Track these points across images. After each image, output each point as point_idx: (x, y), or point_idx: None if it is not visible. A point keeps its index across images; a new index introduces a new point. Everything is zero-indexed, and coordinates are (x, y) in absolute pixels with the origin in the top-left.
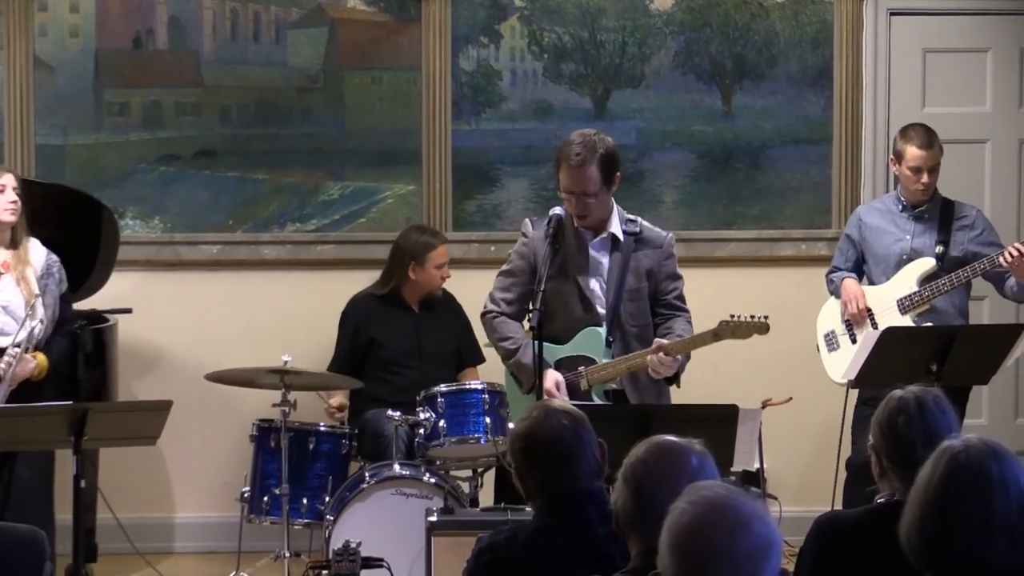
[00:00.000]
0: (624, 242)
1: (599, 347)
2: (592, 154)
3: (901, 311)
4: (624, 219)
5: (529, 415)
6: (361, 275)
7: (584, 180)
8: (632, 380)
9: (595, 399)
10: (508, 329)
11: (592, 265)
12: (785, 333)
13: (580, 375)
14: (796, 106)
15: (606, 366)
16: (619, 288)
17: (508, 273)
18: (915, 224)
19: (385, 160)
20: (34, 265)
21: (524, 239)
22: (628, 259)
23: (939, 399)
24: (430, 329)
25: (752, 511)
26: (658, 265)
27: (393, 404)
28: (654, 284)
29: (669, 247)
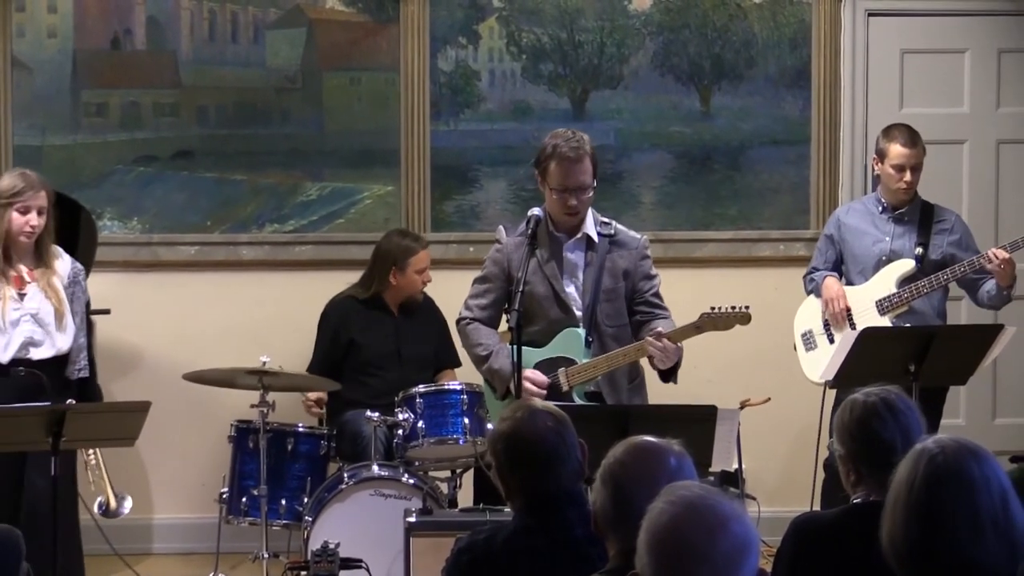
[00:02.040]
0: (599, 243)
1: (579, 348)
2: (585, 147)
3: (880, 312)
4: (598, 220)
5: (512, 415)
6: (340, 276)
7: (584, 173)
8: (609, 381)
9: (576, 400)
10: (480, 335)
11: (567, 267)
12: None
13: (561, 376)
14: (774, 107)
15: (587, 366)
16: (595, 289)
17: (482, 280)
18: (895, 226)
19: (363, 161)
20: (60, 273)
21: (498, 246)
22: (604, 260)
23: (902, 397)
24: (410, 333)
25: (730, 511)
26: (634, 265)
27: (372, 405)
28: (631, 284)
29: (644, 248)
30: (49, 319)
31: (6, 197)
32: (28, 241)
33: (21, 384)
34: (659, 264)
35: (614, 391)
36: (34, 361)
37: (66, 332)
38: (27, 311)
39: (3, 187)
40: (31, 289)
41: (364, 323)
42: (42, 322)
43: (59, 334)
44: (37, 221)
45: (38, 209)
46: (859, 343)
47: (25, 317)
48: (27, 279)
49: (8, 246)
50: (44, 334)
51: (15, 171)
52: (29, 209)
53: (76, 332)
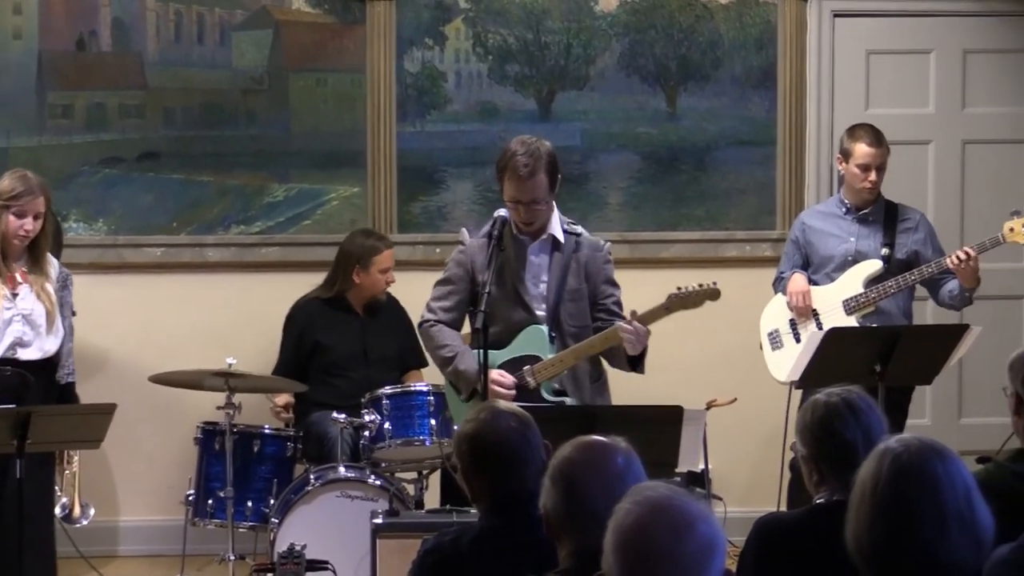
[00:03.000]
0: (565, 243)
1: (543, 344)
2: (539, 162)
3: (847, 312)
4: (564, 221)
5: (476, 416)
6: (306, 277)
7: (534, 190)
8: (573, 380)
9: (544, 396)
10: (445, 337)
11: (531, 270)
12: (730, 334)
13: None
14: (740, 108)
15: (553, 361)
16: (560, 289)
17: (445, 282)
18: (859, 227)
19: (330, 162)
20: (52, 277)
21: (461, 247)
22: (569, 259)
23: (864, 397)
24: (375, 333)
25: (696, 511)
26: (597, 267)
27: (338, 407)
28: (592, 286)
29: (607, 253)
30: (41, 320)
31: (4, 199)
32: (20, 244)
33: (6, 384)
34: (625, 264)
35: (578, 389)
36: (21, 361)
37: (55, 335)
38: (19, 311)
39: (2, 188)
40: (23, 290)
41: (329, 324)
42: (33, 323)
43: (48, 336)
44: (32, 226)
45: (34, 214)
46: (825, 343)
47: (17, 317)
48: (19, 280)
49: (3, 247)
50: (34, 335)
51: (16, 172)
52: (25, 213)
53: (64, 336)
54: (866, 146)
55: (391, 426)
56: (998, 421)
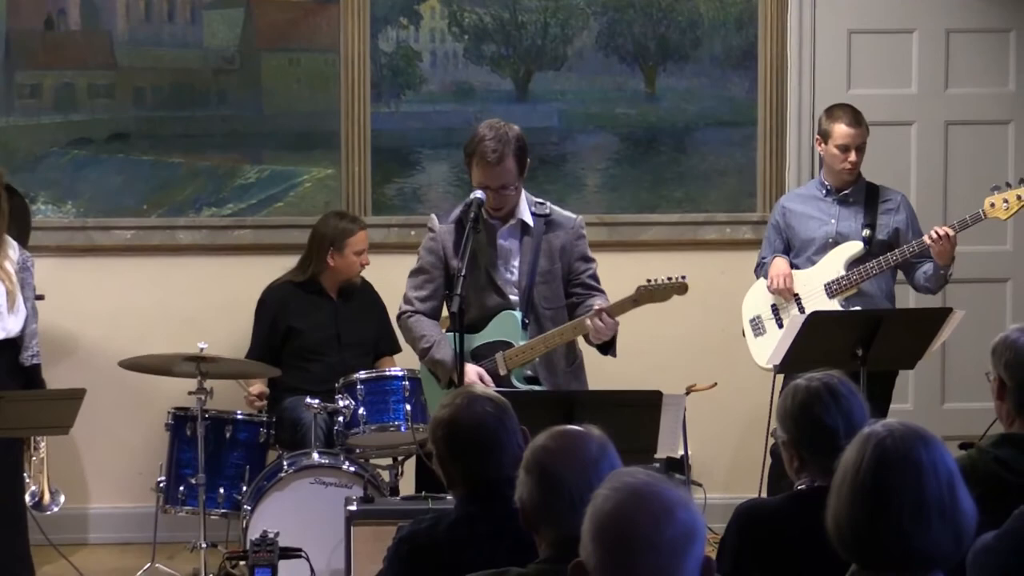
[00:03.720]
0: (534, 226)
1: (516, 330)
2: (507, 147)
3: (829, 295)
4: (532, 203)
5: (452, 401)
6: (279, 260)
7: (503, 175)
8: (546, 365)
9: (515, 384)
10: (422, 327)
11: (502, 254)
12: (710, 318)
13: (498, 360)
14: (720, 88)
15: (524, 348)
16: (532, 271)
17: (419, 271)
18: (840, 208)
19: (303, 143)
20: (11, 258)
21: (431, 234)
22: (539, 242)
23: (844, 381)
24: (349, 317)
25: (676, 498)
26: (570, 244)
27: (312, 392)
28: (566, 264)
29: (580, 228)
30: (1, 300)
31: None
32: None
33: None
34: (603, 247)
35: (552, 374)
36: None
37: (17, 315)
38: None
39: None
40: None
41: (302, 308)
42: None
43: (10, 316)
44: None
45: None
46: (806, 327)
47: None
48: None
49: None
50: None
51: None
52: None
53: (27, 318)
54: (845, 126)
55: (365, 412)
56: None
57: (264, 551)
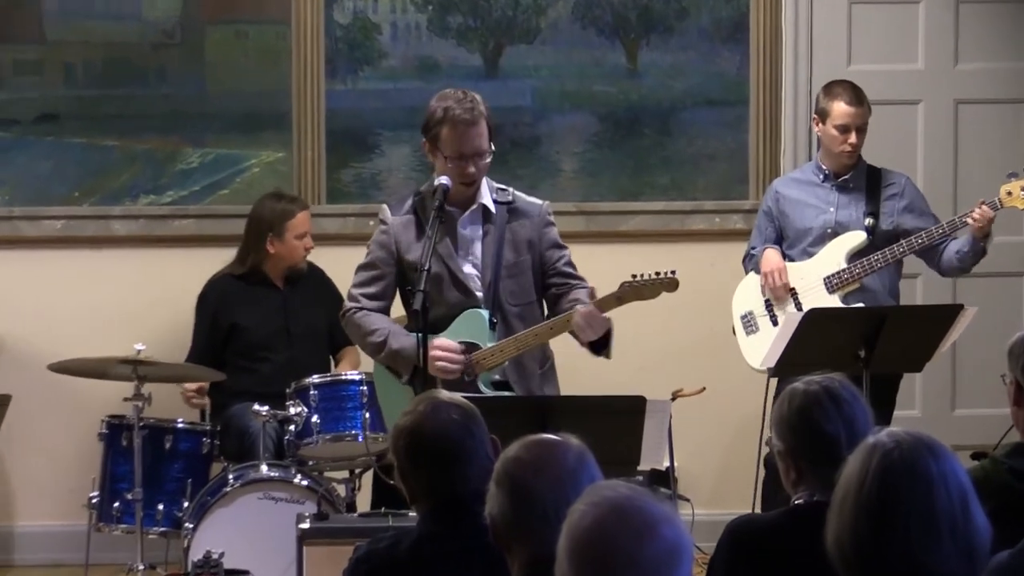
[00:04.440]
0: (497, 213)
1: (483, 330)
2: (478, 107)
3: (828, 290)
4: (494, 188)
5: (414, 408)
6: (223, 253)
7: (480, 136)
8: (517, 368)
9: (482, 390)
10: (372, 322)
11: (463, 244)
12: (698, 316)
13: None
14: (709, 63)
15: (494, 351)
16: (496, 264)
17: (368, 266)
18: (839, 195)
19: (251, 124)
20: None
21: (383, 227)
22: (503, 231)
23: (846, 385)
24: (298, 307)
25: (659, 513)
26: (538, 235)
27: (260, 397)
28: (536, 256)
29: (546, 214)
30: None
31: None
32: None
33: None
34: (581, 239)
35: (523, 378)
36: None
37: None
38: None
39: None
40: None
41: (245, 302)
42: None
43: None
44: None
45: None
46: (803, 325)
47: None
48: None
49: None
50: None
51: None
52: None
53: None
54: (844, 104)
55: (319, 419)
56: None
57: (208, 573)
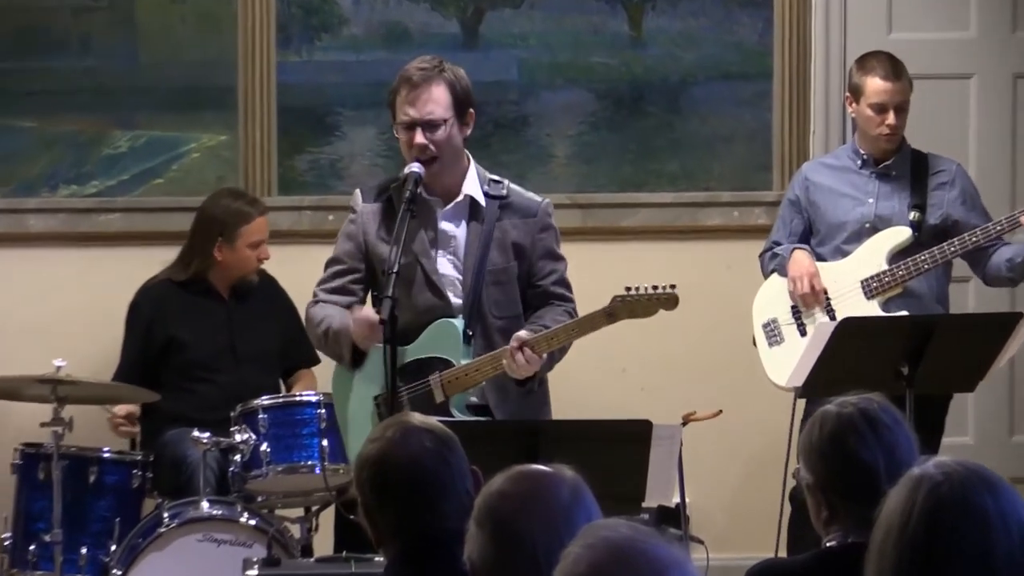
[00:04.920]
0: (486, 207)
1: (456, 344)
2: (438, 72)
3: (867, 295)
4: (486, 179)
5: (381, 435)
6: (158, 253)
7: (432, 101)
8: (498, 389)
9: (455, 414)
10: (317, 313)
11: (442, 240)
12: (712, 325)
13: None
14: (725, 31)
15: (468, 369)
16: (479, 267)
17: (333, 261)
18: (879, 184)
19: (189, 102)
20: None
21: (351, 215)
22: (492, 229)
23: (887, 407)
24: (246, 322)
25: (667, 557)
26: (531, 239)
27: (200, 422)
28: (526, 265)
29: (546, 215)
30: None
31: None
32: None
33: None
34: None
35: (505, 401)
36: None
37: None
38: None
39: None
40: None
41: (186, 313)
42: None
43: None
44: None
45: None
46: (837, 337)
47: None
48: None
49: None
50: None
51: None
52: None
53: None
54: (880, 80)
55: (270, 448)
56: None
57: None
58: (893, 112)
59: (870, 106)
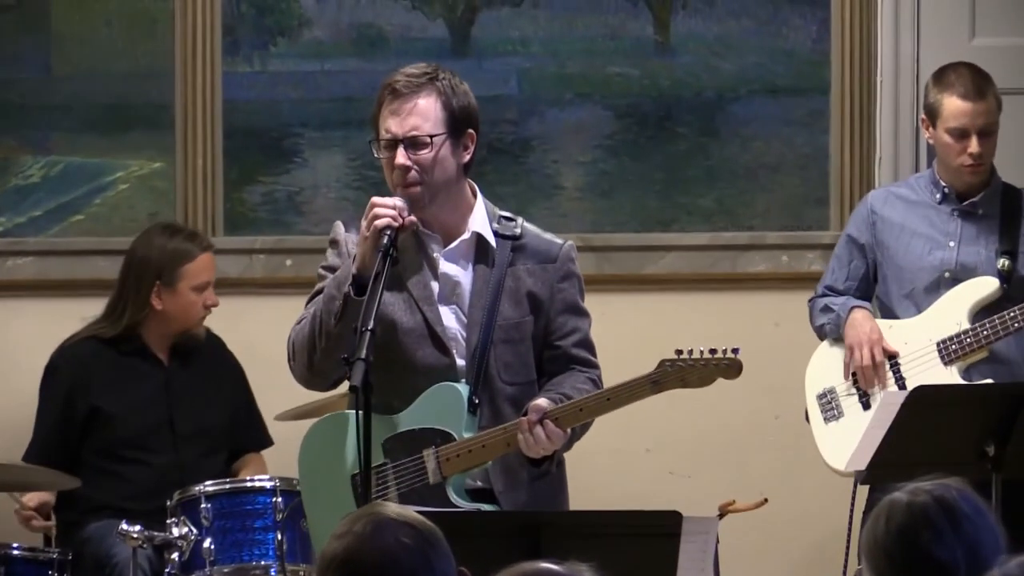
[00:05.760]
0: (497, 249)
1: (458, 414)
2: (429, 81)
3: (944, 360)
4: (495, 215)
5: (349, 529)
6: (78, 306)
7: (418, 114)
8: (505, 471)
9: (453, 499)
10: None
11: (445, 286)
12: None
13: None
14: (772, 35)
15: (471, 444)
16: (488, 320)
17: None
18: (963, 224)
19: (115, 122)
20: None
21: (332, 250)
22: (503, 275)
23: (967, 495)
24: (188, 392)
25: None
26: (549, 290)
27: (129, 512)
28: (543, 321)
29: (567, 262)
30: None
31: None
32: None
33: None
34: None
35: (513, 487)
36: None
37: None
38: None
39: None
40: None
41: (114, 378)
42: None
43: None
44: None
45: None
46: (907, 409)
47: None
48: None
49: None
50: None
51: None
52: None
53: None
54: (959, 100)
55: (214, 545)
56: None
57: None
58: (977, 138)
59: (948, 131)
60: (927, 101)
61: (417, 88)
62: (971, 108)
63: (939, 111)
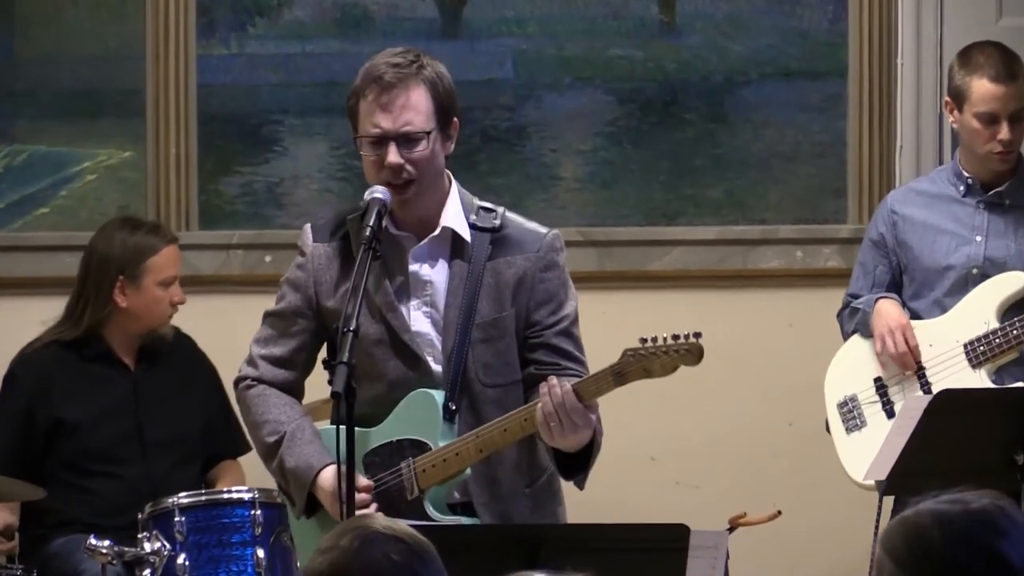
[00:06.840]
0: (473, 244)
1: (434, 422)
2: (416, 69)
3: (972, 362)
4: (473, 207)
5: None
6: (42, 306)
7: (411, 109)
8: (488, 483)
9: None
10: (267, 408)
11: (416, 288)
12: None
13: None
14: (785, 15)
15: (447, 453)
16: (466, 321)
17: (275, 316)
18: (990, 216)
19: (83, 108)
20: None
21: (299, 259)
22: (480, 271)
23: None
24: (157, 398)
25: None
26: (531, 281)
27: (97, 527)
28: (524, 313)
29: (551, 251)
30: None
31: None
32: None
33: None
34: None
35: (496, 499)
36: None
37: None
38: None
39: None
40: None
41: (78, 385)
42: None
43: None
44: None
45: None
46: (931, 415)
47: None
48: None
49: None
50: None
51: None
52: None
53: None
54: (989, 82)
55: (189, 560)
56: None
57: None
58: (1007, 123)
59: (977, 116)
60: (952, 83)
61: (406, 79)
62: (1002, 91)
63: (967, 94)
